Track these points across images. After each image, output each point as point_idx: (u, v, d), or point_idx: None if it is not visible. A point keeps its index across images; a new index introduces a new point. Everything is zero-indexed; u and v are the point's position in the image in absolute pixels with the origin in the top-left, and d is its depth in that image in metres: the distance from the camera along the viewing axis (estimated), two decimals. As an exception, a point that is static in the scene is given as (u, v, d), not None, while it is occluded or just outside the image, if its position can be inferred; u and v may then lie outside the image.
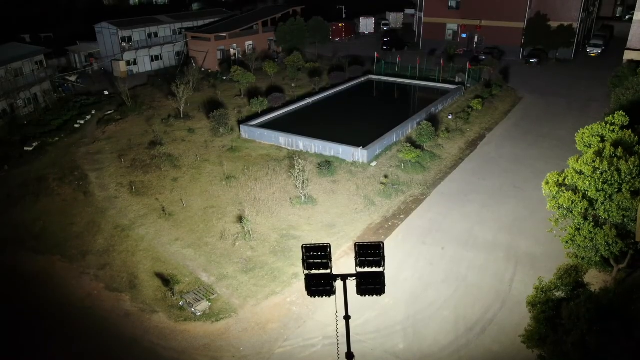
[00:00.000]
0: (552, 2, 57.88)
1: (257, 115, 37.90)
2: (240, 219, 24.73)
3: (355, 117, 39.22)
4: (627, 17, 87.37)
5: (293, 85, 46.92)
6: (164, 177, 29.92)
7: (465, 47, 62.19)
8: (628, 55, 42.44)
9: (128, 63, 55.90)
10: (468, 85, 46.26)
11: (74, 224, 26.13)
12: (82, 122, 40.17)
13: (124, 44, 55.21)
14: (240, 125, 35.13)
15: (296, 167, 25.95)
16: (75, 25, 79.58)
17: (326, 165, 29.22)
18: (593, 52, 61.16)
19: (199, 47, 55.81)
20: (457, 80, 47.52)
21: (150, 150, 33.02)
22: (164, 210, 26.42)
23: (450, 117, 38.04)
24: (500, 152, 32.85)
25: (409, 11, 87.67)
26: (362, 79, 48.81)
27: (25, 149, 35.12)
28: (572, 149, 25.37)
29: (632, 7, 52.86)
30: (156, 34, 58.58)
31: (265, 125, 35.64)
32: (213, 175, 29.81)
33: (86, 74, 55.37)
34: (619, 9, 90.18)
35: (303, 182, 25.91)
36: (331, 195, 27.17)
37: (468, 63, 48.45)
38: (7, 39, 51.52)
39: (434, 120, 36.28)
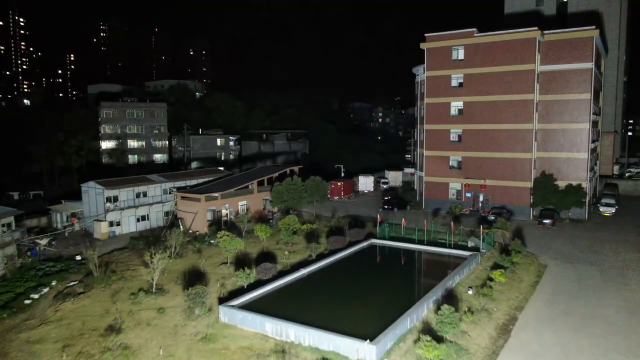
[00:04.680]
0: (557, 162, 56.27)
1: (242, 291, 31.98)
2: None
3: (358, 292, 33.01)
4: (627, 174, 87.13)
5: (287, 252, 41.61)
6: (113, 380, 22.98)
7: (471, 207, 58.96)
8: (653, 218, 38.41)
9: (111, 224, 51.87)
10: (483, 250, 41.41)
11: None
12: (36, 296, 34.10)
13: (108, 204, 51.78)
14: (219, 307, 28.89)
15: (283, 375, 19.40)
16: (70, 183, 78.11)
17: (323, 365, 22.53)
18: (607, 211, 57.84)
19: (188, 208, 52.21)
20: (469, 245, 42.79)
21: (103, 340, 26.41)
22: None
23: (470, 291, 32.24)
24: (542, 342, 26.22)
25: (407, 170, 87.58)
26: (364, 244, 43.78)
27: (-46, 334, 28.61)
28: (632, 337, 20.09)
29: (630, 165, 51.62)
30: (145, 194, 55.57)
31: (250, 305, 29.51)
32: (176, 379, 22.89)
33: (63, 235, 50.94)
34: (616, 167, 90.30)
35: (292, 397, 19.13)
36: (330, 414, 20.06)
37: (481, 227, 44.04)
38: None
39: (451, 295, 30.54)
